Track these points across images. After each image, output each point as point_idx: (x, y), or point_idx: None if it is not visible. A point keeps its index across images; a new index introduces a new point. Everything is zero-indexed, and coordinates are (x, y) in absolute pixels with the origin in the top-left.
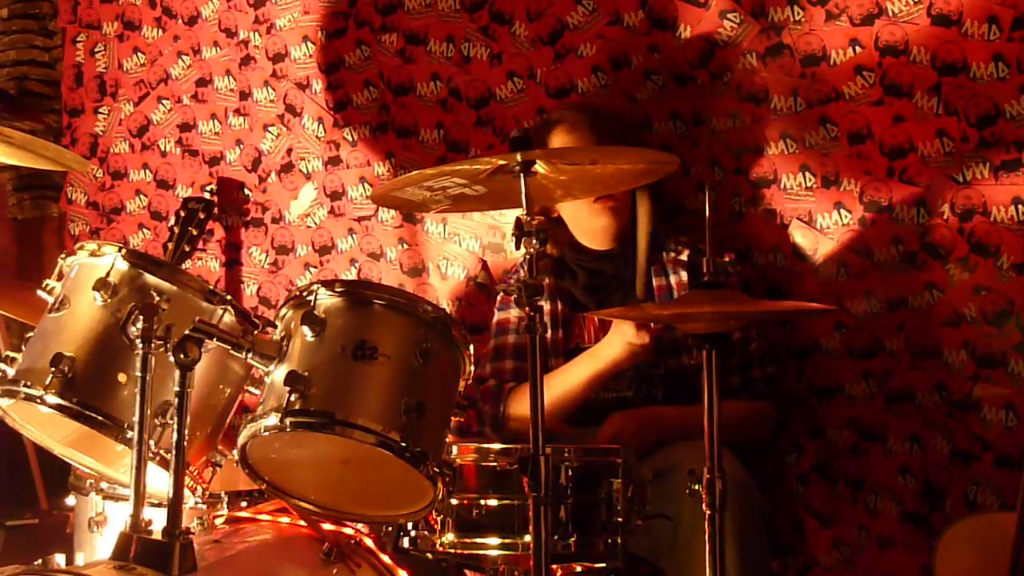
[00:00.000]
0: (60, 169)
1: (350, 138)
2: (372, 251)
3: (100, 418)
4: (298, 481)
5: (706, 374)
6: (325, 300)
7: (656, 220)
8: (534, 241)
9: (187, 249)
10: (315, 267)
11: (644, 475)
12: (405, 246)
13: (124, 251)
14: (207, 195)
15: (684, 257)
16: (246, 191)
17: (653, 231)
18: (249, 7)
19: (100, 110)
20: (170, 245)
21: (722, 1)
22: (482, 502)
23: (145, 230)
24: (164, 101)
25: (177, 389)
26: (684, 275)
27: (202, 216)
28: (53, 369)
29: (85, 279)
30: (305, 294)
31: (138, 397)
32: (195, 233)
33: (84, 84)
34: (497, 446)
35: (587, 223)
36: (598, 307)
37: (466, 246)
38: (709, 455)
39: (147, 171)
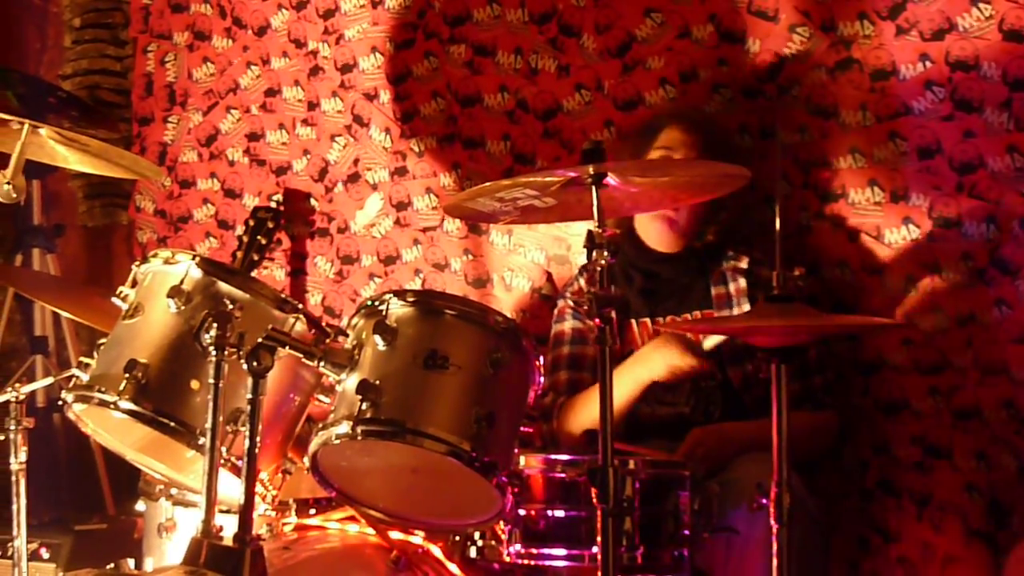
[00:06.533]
0: (135, 177)
1: (417, 149)
2: (437, 262)
3: (173, 424)
4: (367, 489)
5: (775, 388)
6: (397, 310)
7: (715, 229)
8: (605, 253)
9: (255, 258)
10: (380, 277)
11: (712, 488)
12: (470, 257)
13: (198, 259)
14: (274, 204)
15: (743, 265)
16: (312, 201)
17: (712, 240)
18: (318, 18)
19: (169, 119)
20: (239, 254)
21: (792, 15)
22: (549, 513)
23: (212, 238)
24: (233, 111)
25: (250, 396)
26: (743, 282)
27: (270, 225)
28: (127, 375)
29: (159, 286)
30: (377, 303)
31: (211, 404)
32: (263, 242)
33: (154, 93)
34: (565, 457)
35: (647, 226)
36: (652, 314)
37: (531, 258)
38: (778, 469)
39: (215, 180)
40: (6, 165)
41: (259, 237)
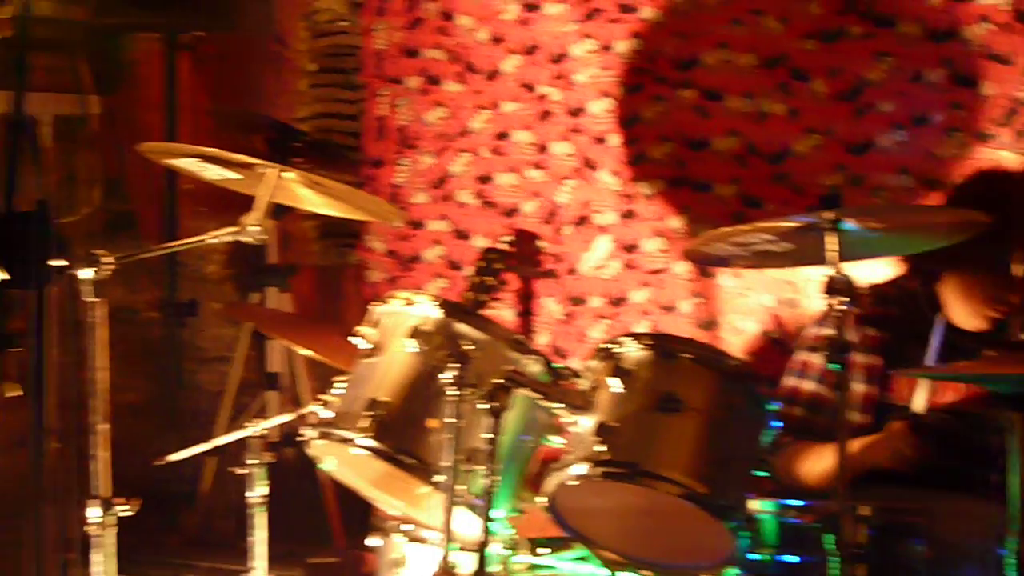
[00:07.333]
0: (376, 220)
1: (645, 192)
2: (665, 304)
3: (413, 461)
4: (600, 529)
5: (1014, 439)
6: (633, 353)
7: None
8: (844, 299)
9: (484, 299)
10: (608, 319)
11: (948, 538)
12: (699, 299)
13: (438, 301)
14: (503, 246)
15: None
16: (541, 243)
17: None
18: (549, 63)
19: (400, 161)
20: (470, 295)
21: None
22: (781, 558)
23: (441, 279)
24: (463, 153)
25: (487, 435)
26: None
27: (499, 267)
28: (369, 413)
29: (399, 327)
30: (613, 346)
31: (450, 443)
32: (492, 283)
33: (385, 136)
34: (799, 502)
35: (965, 315)
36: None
37: (760, 300)
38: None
39: (445, 221)
40: (248, 206)
41: (488, 278)
